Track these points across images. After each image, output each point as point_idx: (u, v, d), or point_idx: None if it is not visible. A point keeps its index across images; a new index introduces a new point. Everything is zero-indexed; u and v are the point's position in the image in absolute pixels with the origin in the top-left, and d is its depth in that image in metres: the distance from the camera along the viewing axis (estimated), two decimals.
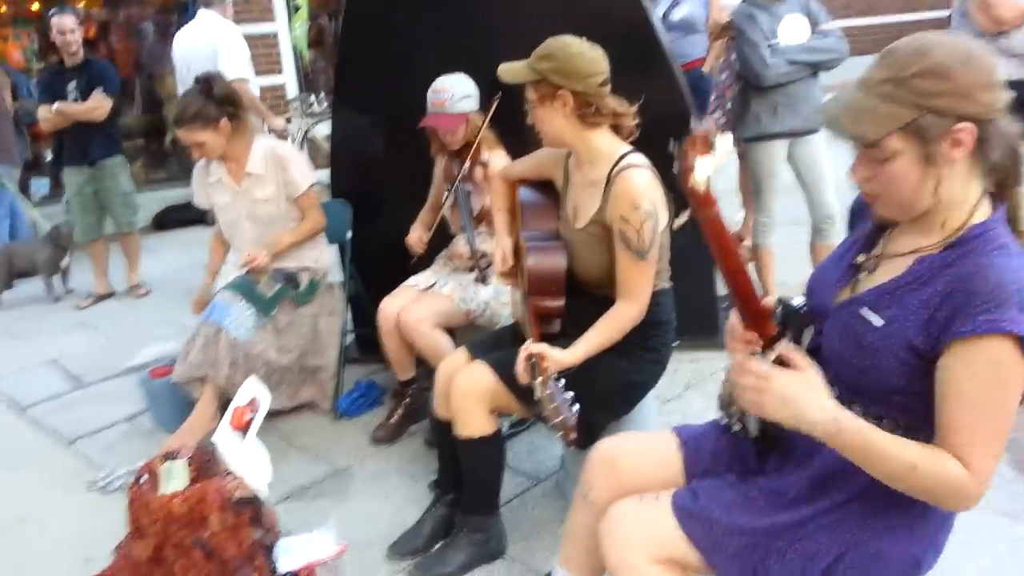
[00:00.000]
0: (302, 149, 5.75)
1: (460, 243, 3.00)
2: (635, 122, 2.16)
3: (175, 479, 2.19)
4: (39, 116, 4.69)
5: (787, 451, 1.55)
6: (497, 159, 2.87)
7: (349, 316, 3.58)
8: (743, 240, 4.40)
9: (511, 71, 2.14)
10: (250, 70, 4.92)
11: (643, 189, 2.03)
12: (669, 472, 1.64)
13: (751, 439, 1.59)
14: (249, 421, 2.29)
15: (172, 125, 3.01)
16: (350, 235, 3.42)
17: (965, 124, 1.23)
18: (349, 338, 3.68)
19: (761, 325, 1.45)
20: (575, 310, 2.17)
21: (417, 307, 2.86)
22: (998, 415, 1.22)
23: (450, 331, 2.89)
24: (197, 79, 3.06)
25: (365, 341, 3.60)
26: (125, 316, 4.73)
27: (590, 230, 2.14)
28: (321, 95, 6.99)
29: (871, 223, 1.46)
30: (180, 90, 4.72)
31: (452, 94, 2.86)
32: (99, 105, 4.56)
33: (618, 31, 2.78)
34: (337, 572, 2.15)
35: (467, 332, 2.92)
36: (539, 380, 1.84)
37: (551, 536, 2.38)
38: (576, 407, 1.74)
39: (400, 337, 2.90)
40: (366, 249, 3.44)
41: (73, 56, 4.60)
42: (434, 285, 2.97)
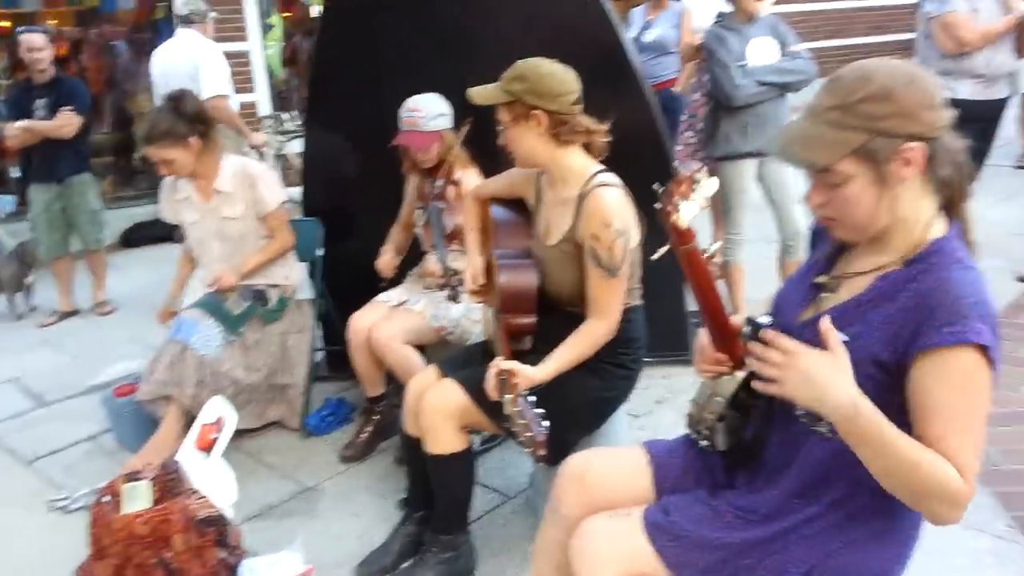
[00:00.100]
0: (275, 166, 5.73)
1: (432, 261, 2.99)
2: (606, 140, 2.18)
3: (138, 499, 2.16)
4: (5, 133, 4.63)
5: (756, 467, 1.56)
6: (470, 178, 2.88)
7: (319, 333, 3.56)
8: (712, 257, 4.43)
9: (483, 94, 2.14)
10: (230, 87, 4.92)
11: (614, 207, 2.05)
12: (639, 487, 1.65)
13: (719, 453, 1.60)
14: (214, 440, 2.27)
15: (141, 142, 2.98)
16: (321, 252, 3.41)
17: (914, 144, 1.27)
18: (319, 355, 3.65)
19: (732, 347, 1.48)
20: (546, 327, 2.17)
21: (388, 324, 2.85)
22: (975, 422, 1.25)
23: (421, 348, 2.88)
24: (167, 96, 3.04)
25: (335, 358, 3.57)
26: (90, 334, 4.66)
27: (562, 248, 2.15)
28: (294, 113, 6.99)
29: (830, 244, 1.50)
30: None
31: (426, 112, 2.86)
32: (67, 123, 4.51)
33: (590, 52, 2.81)
34: None
35: (438, 349, 2.91)
36: (509, 397, 1.84)
37: (521, 553, 2.37)
38: (546, 423, 1.74)
39: (370, 353, 2.89)
40: (337, 266, 3.42)
41: (42, 74, 4.55)
42: (405, 302, 2.96)
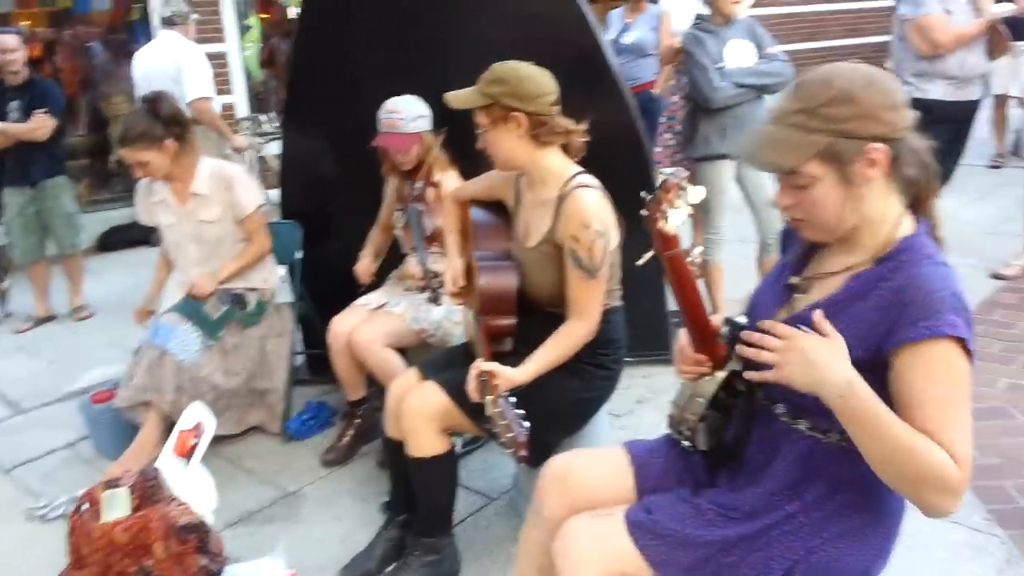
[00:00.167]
0: (253, 169, 5.70)
1: (412, 263, 2.98)
2: (584, 140, 2.18)
3: (117, 507, 2.13)
4: None
5: (738, 467, 1.57)
6: (449, 180, 2.87)
7: (300, 337, 3.54)
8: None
9: (460, 98, 2.14)
10: (213, 90, 4.89)
11: (593, 209, 2.05)
12: (620, 488, 1.66)
13: (701, 452, 1.62)
14: (194, 446, 2.25)
15: (117, 144, 2.95)
16: (300, 255, 3.39)
17: (877, 144, 1.30)
18: (299, 359, 3.63)
19: (712, 348, 1.50)
20: (526, 328, 2.18)
21: (368, 326, 2.84)
22: (961, 411, 1.27)
23: (402, 351, 2.87)
24: (143, 98, 3.02)
25: (315, 361, 3.56)
26: (66, 340, 4.60)
27: (541, 249, 2.15)
28: (272, 115, 6.95)
29: (800, 245, 1.52)
30: None
31: (405, 114, 2.85)
32: (41, 125, 4.46)
33: (569, 55, 2.82)
34: None
35: (419, 352, 2.90)
36: (490, 398, 1.84)
37: (505, 555, 2.37)
38: (527, 424, 1.74)
39: (351, 356, 2.88)
40: (317, 269, 3.41)
41: (15, 76, 4.49)
42: (385, 304, 2.95)
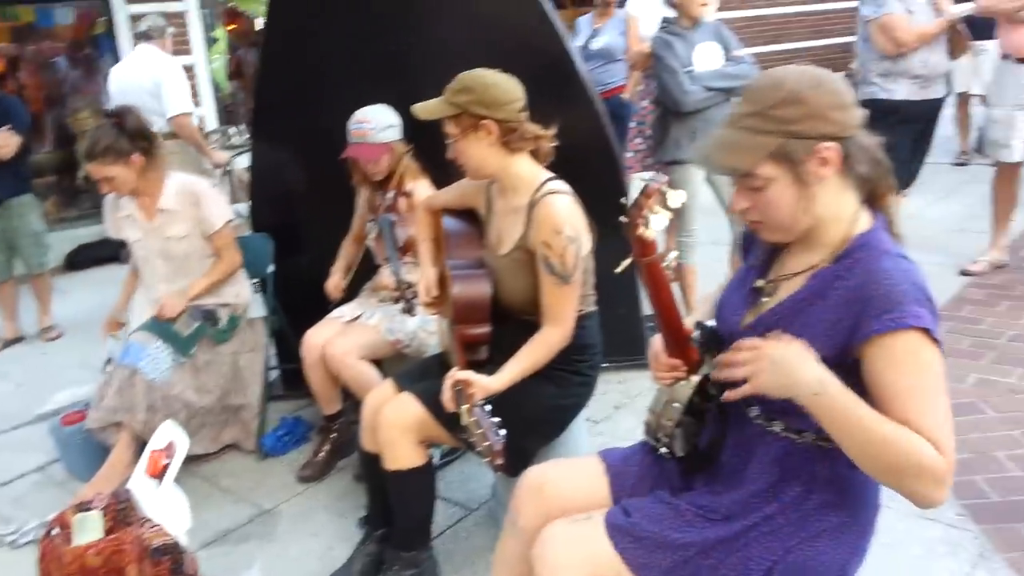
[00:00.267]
0: (223, 181, 5.65)
1: (385, 274, 2.97)
2: (553, 145, 2.18)
3: (89, 530, 2.10)
4: None
5: (714, 472, 1.58)
6: (421, 189, 2.86)
7: (273, 351, 3.50)
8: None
9: (428, 109, 2.13)
10: (191, 104, 4.84)
11: (565, 215, 2.05)
12: (596, 496, 1.65)
13: (678, 458, 1.61)
14: (166, 466, 2.21)
15: (83, 158, 2.91)
16: (272, 269, 3.36)
17: (828, 143, 1.33)
18: (273, 374, 3.59)
19: (686, 352, 1.50)
20: (501, 336, 2.17)
21: (342, 339, 2.81)
22: (936, 397, 1.28)
23: (377, 362, 2.85)
24: (108, 112, 2.98)
25: (290, 376, 3.52)
26: (35, 360, 4.53)
27: (514, 256, 2.14)
28: (241, 127, 6.91)
29: (763, 248, 1.54)
30: None
31: (375, 124, 2.84)
32: (5, 143, 4.37)
33: (537, 62, 2.82)
34: None
35: (395, 363, 2.88)
36: (465, 407, 1.83)
37: (484, 565, 2.35)
38: (503, 432, 1.74)
39: (325, 370, 2.85)
40: (289, 282, 3.37)
41: None
42: (360, 317, 2.93)
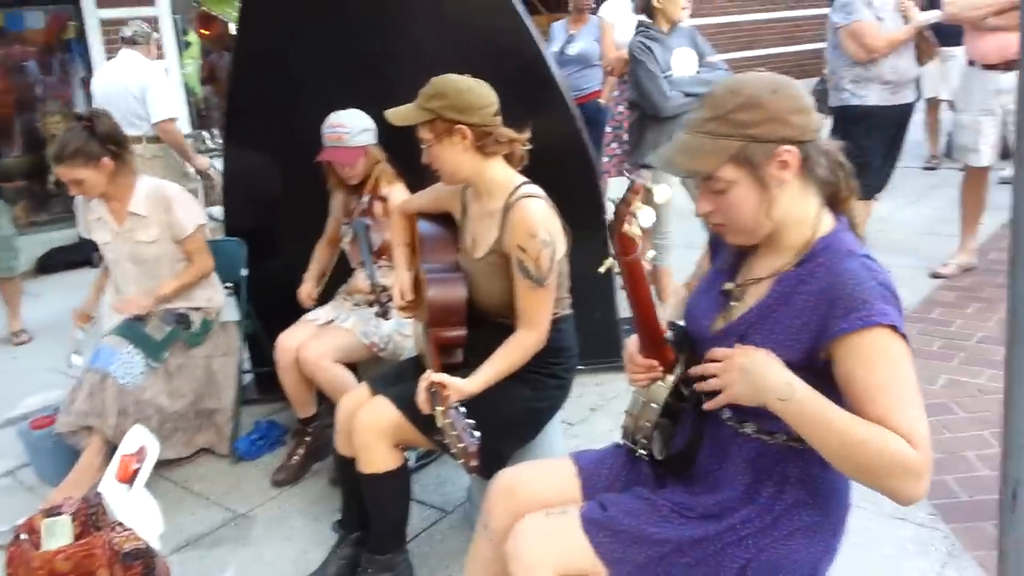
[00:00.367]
0: (204, 185, 5.62)
1: (360, 278, 2.96)
2: (527, 148, 2.19)
3: (58, 535, 2.07)
4: None
5: (690, 476, 1.59)
6: (397, 193, 2.86)
7: (247, 355, 3.48)
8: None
9: (401, 115, 2.13)
10: (177, 110, 4.82)
11: (539, 218, 2.06)
12: (568, 498, 1.66)
13: (656, 462, 1.62)
14: (136, 471, 2.19)
15: (52, 160, 2.88)
16: (245, 272, 3.34)
17: (788, 147, 1.36)
18: (247, 378, 3.57)
19: (662, 352, 1.52)
20: (476, 339, 2.17)
21: (317, 342, 2.80)
22: (907, 391, 1.30)
23: (352, 366, 2.84)
24: (79, 116, 2.95)
25: (264, 380, 3.50)
26: (5, 365, 4.46)
27: (489, 260, 2.15)
28: (215, 131, 6.86)
29: (730, 252, 1.56)
30: None
31: (350, 127, 2.84)
32: None
33: (512, 68, 2.84)
34: None
35: (370, 366, 2.87)
36: (440, 409, 1.83)
37: (460, 568, 2.34)
38: (477, 434, 1.74)
39: (299, 373, 2.83)
40: (263, 286, 3.35)
41: None
42: (334, 320, 2.92)
